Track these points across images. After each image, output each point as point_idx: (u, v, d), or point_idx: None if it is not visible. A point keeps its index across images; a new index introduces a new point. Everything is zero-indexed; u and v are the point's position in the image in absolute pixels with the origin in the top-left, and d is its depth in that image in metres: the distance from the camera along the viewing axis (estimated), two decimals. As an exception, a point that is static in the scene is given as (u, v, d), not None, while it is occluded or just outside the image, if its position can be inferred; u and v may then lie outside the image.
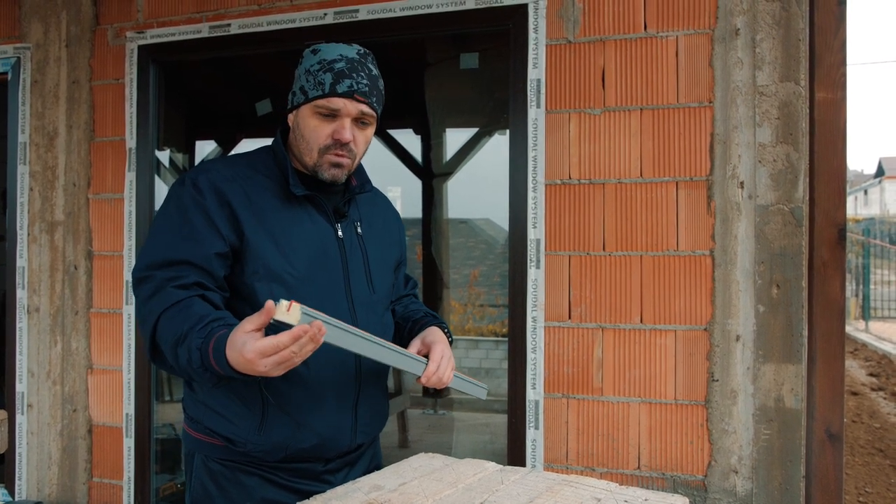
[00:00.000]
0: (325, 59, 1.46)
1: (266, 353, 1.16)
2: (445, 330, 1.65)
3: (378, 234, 1.66)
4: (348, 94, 1.44)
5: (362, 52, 1.51)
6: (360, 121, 1.48)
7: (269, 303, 1.16)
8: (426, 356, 1.53)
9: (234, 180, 1.47)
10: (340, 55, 1.46)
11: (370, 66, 1.50)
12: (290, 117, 1.53)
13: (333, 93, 1.43)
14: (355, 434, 1.55)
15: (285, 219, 1.48)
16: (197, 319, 1.30)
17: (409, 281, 1.87)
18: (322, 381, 1.47)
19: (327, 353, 1.44)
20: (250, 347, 1.16)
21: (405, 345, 1.59)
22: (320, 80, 1.44)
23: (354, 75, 1.44)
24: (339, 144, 1.46)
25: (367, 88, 1.46)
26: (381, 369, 1.59)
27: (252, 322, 1.19)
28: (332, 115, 1.45)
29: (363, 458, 1.65)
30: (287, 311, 1.16)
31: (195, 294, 1.37)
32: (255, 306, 1.39)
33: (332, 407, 1.48)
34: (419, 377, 1.49)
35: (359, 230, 1.59)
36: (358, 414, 1.54)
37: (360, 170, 1.65)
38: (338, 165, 1.48)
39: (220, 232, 1.42)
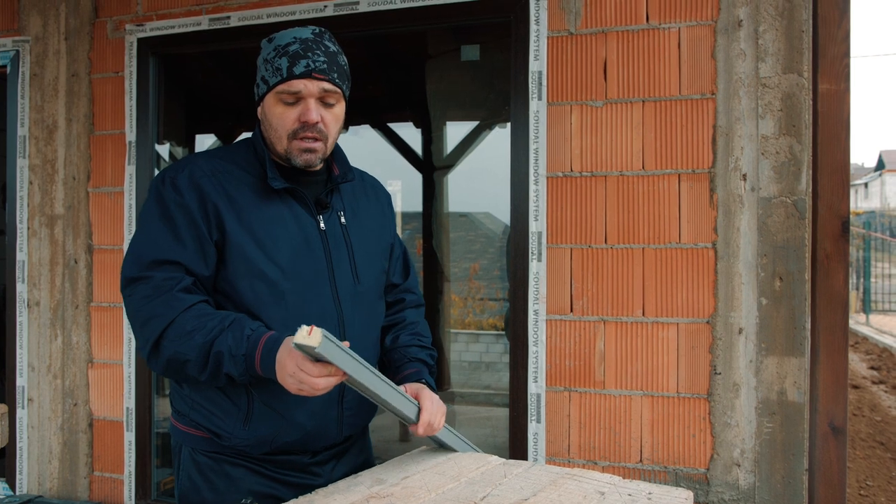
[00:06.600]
0: (279, 44, 1.45)
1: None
2: (431, 386, 1.61)
3: (364, 222, 1.62)
4: (306, 74, 1.42)
5: (318, 31, 1.49)
6: (324, 100, 1.46)
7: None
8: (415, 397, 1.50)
9: (213, 175, 1.46)
10: (294, 38, 1.45)
11: (327, 43, 1.48)
12: (259, 110, 1.52)
13: (291, 75, 1.42)
14: (342, 427, 1.55)
15: (265, 215, 1.46)
16: (237, 326, 1.36)
17: (408, 271, 1.80)
18: None
19: None
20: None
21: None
22: (277, 65, 1.43)
23: (310, 55, 1.43)
24: (307, 126, 1.44)
25: (324, 66, 1.44)
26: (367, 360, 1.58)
27: None
28: (295, 98, 1.44)
29: (352, 449, 1.64)
30: (308, 334, 1.18)
31: (201, 300, 1.40)
32: (239, 304, 1.42)
33: (317, 401, 1.45)
34: (414, 423, 1.47)
35: (342, 220, 1.57)
36: (344, 406, 1.53)
37: (342, 158, 1.62)
38: (309, 151, 1.46)
39: (203, 231, 1.42)
